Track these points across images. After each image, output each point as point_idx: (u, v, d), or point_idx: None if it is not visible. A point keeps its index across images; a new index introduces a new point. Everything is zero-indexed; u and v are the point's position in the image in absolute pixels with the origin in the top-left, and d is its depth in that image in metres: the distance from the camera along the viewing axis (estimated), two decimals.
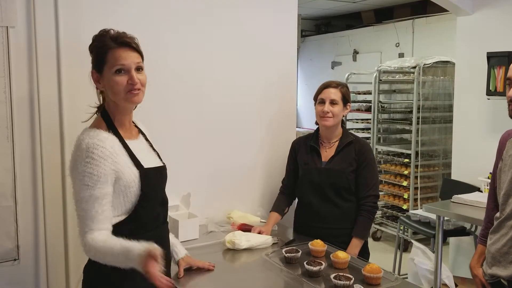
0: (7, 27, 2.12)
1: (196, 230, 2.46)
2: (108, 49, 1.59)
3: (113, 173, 1.56)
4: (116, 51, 1.59)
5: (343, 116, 2.51)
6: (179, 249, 2.00)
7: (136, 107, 1.75)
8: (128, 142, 1.66)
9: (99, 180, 1.53)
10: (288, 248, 2.17)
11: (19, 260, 2.23)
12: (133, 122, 1.78)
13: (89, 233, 1.53)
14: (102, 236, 1.53)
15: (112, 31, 1.63)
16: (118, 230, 1.59)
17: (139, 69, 1.63)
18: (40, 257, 2.28)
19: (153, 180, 1.68)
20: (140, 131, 1.80)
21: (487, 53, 3.63)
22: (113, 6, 2.35)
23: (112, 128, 1.64)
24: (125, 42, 1.60)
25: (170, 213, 2.48)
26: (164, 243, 1.75)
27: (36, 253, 2.28)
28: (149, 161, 1.71)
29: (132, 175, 1.60)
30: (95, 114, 1.71)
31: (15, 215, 2.20)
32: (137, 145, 1.70)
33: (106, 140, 1.57)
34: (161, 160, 1.81)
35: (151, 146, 1.82)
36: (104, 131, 1.60)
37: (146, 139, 1.81)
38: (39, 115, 2.22)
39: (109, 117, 1.66)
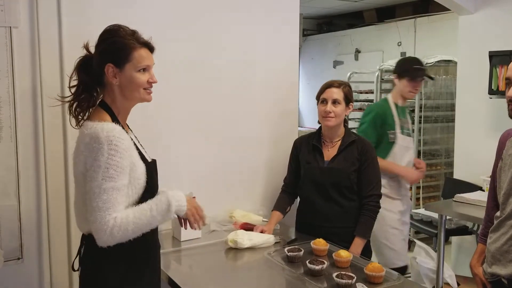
0: (10, 27, 2.13)
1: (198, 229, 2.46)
2: (133, 47, 1.64)
3: (130, 165, 1.60)
4: (141, 50, 1.66)
5: (346, 115, 2.52)
6: None
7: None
8: (130, 136, 1.71)
9: (122, 172, 1.56)
10: (290, 247, 2.18)
11: (22, 259, 2.24)
12: None
13: (111, 218, 1.53)
14: (124, 213, 1.56)
15: (128, 29, 1.68)
16: None
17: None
18: (43, 256, 2.29)
19: (154, 174, 1.75)
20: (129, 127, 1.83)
21: (489, 52, 3.63)
22: (116, 6, 2.36)
23: (116, 122, 1.66)
24: (147, 43, 1.69)
25: None
26: (157, 234, 1.81)
27: (39, 252, 2.29)
28: (146, 155, 1.76)
29: (140, 169, 1.64)
30: (86, 108, 1.70)
31: (19, 214, 2.21)
32: (135, 140, 1.75)
33: (123, 133, 1.61)
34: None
35: (139, 141, 1.84)
36: (116, 125, 1.62)
37: (134, 136, 1.84)
38: (42, 115, 2.23)
39: (111, 112, 1.68)
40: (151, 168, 1.71)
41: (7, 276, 2.21)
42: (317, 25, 8.31)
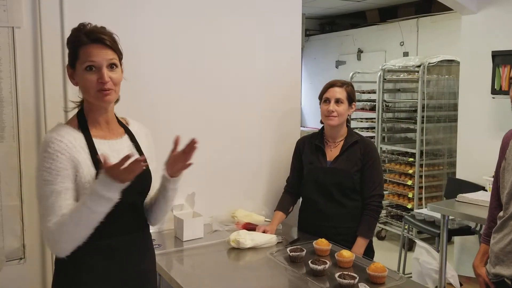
0: (13, 27, 2.13)
1: (200, 229, 2.47)
2: (80, 44, 1.51)
3: (72, 169, 1.47)
4: (88, 47, 1.50)
5: (348, 115, 2.51)
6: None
7: (115, 105, 1.66)
8: (98, 141, 1.57)
9: (59, 175, 1.43)
10: (292, 247, 2.18)
11: (25, 259, 2.24)
12: (121, 121, 1.70)
13: (52, 224, 1.41)
14: (60, 215, 1.43)
15: (88, 26, 1.54)
16: None
17: (112, 66, 1.53)
18: (46, 256, 2.29)
19: None
20: (128, 131, 1.70)
21: (492, 51, 3.63)
22: (119, 6, 2.36)
23: (82, 125, 1.57)
24: (98, 38, 1.51)
25: (175, 212, 2.50)
26: (135, 252, 1.64)
27: (42, 252, 2.29)
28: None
29: (88, 175, 1.49)
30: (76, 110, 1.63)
31: (21, 214, 2.22)
32: (113, 145, 1.60)
33: (66, 134, 1.50)
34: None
35: (138, 147, 1.68)
36: (69, 127, 1.54)
37: (133, 140, 1.69)
38: (44, 115, 2.23)
39: (83, 115, 1.59)
40: None
41: (9, 276, 2.21)
42: (319, 25, 8.31)
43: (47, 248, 2.29)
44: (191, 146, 1.64)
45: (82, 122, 1.58)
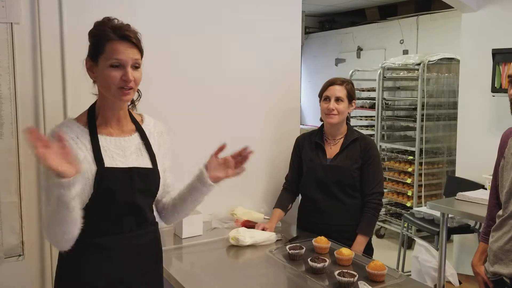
0: (11, 23, 2.13)
1: (200, 226, 2.47)
2: (107, 40, 1.49)
3: None
4: (115, 43, 1.49)
5: (348, 113, 2.51)
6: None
7: (139, 102, 1.71)
8: (104, 137, 1.56)
9: None
10: (292, 245, 2.17)
11: (23, 256, 2.24)
12: (135, 118, 1.69)
13: (43, 219, 1.43)
14: None
15: (115, 21, 1.54)
16: None
17: (136, 66, 1.53)
18: (45, 253, 2.29)
19: (113, 181, 1.53)
20: (139, 129, 1.68)
21: (492, 49, 3.62)
22: (118, 2, 2.35)
23: (91, 121, 1.56)
24: (126, 35, 1.50)
25: None
26: (132, 253, 1.61)
27: (41, 249, 2.29)
28: (127, 161, 1.58)
29: (88, 172, 1.48)
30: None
31: (20, 211, 2.21)
32: (120, 143, 1.59)
33: (69, 131, 1.49)
34: (152, 163, 1.64)
35: (148, 146, 1.66)
36: (75, 123, 1.54)
37: (144, 138, 1.66)
38: (43, 111, 2.22)
39: (94, 110, 1.59)
40: (106, 174, 1.51)
41: (8, 273, 2.21)
42: (319, 23, 8.30)
43: (46, 245, 2.29)
44: (244, 155, 1.70)
45: (92, 118, 1.57)
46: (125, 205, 1.57)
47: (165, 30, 2.50)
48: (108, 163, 1.54)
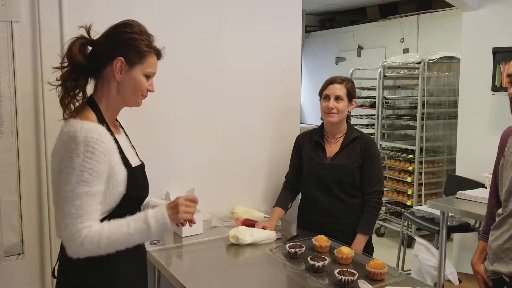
0: (11, 22, 2.12)
1: (200, 225, 2.46)
2: (150, 52, 1.60)
3: (108, 171, 1.48)
4: (154, 57, 1.63)
5: (348, 111, 2.51)
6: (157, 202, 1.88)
7: None
8: (116, 137, 1.59)
9: (98, 177, 1.44)
10: (291, 244, 2.17)
11: (23, 255, 2.24)
12: None
13: (83, 227, 1.42)
14: (98, 224, 1.45)
15: (145, 29, 1.63)
16: None
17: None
18: (44, 251, 2.29)
19: (138, 180, 1.61)
20: (121, 126, 1.74)
21: (493, 48, 3.62)
22: (117, 1, 2.34)
23: (102, 121, 1.55)
24: (159, 52, 1.65)
25: None
26: (144, 248, 1.75)
27: (40, 248, 2.29)
28: (132, 158, 1.63)
29: (121, 174, 1.52)
30: (70, 103, 1.57)
31: (20, 210, 2.21)
32: (121, 141, 1.62)
33: (104, 135, 1.49)
34: (138, 157, 1.72)
35: (130, 141, 1.74)
36: (98, 125, 1.51)
37: (126, 134, 1.74)
38: (43, 110, 2.22)
39: (99, 110, 1.57)
40: (134, 174, 1.58)
41: (8, 271, 2.21)
42: (319, 22, 8.29)
43: (46, 244, 2.29)
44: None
45: (101, 118, 1.56)
46: (142, 202, 1.69)
47: (164, 31, 2.49)
48: (132, 162, 1.61)
